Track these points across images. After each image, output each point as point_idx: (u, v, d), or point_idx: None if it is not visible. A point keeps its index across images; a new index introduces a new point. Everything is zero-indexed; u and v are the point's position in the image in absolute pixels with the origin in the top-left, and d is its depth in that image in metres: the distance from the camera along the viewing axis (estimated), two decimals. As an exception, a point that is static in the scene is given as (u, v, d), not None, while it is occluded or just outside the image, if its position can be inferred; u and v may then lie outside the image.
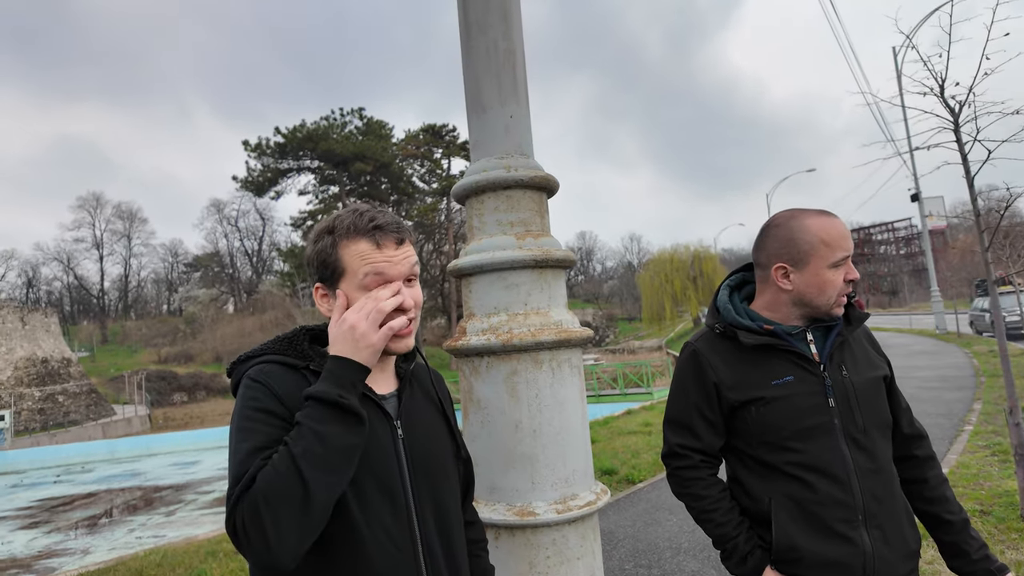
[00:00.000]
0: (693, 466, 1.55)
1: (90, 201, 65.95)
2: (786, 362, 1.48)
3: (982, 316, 21.15)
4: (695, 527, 5.05)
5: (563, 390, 1.93)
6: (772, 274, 1.51)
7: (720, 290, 1.64)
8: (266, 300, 54.44)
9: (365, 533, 1.10)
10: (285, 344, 1.20)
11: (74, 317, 67.46)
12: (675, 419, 1.59)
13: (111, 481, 18.21)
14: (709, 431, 1.54)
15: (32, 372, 29.93)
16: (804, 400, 1.45)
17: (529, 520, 1.82)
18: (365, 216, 1.16)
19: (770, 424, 1.46)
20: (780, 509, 1.44)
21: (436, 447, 1.26)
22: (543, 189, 2.10)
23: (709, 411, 1.53)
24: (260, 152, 47.91)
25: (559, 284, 2.06)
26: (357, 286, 1.14)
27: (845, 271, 1.46)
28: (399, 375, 1.28)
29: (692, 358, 1.57)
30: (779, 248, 1.49)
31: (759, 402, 1.47)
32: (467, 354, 1.99)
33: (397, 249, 1.16)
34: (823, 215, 1.48)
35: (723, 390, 1.50)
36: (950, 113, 4.97)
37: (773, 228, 1.52)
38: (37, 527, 13.22)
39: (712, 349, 1.55)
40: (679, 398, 1.59)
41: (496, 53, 2.09)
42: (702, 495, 1.53)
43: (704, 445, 1.54)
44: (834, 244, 1.44)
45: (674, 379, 1.63)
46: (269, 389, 1.09)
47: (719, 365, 1.52)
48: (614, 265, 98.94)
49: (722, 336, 1.55)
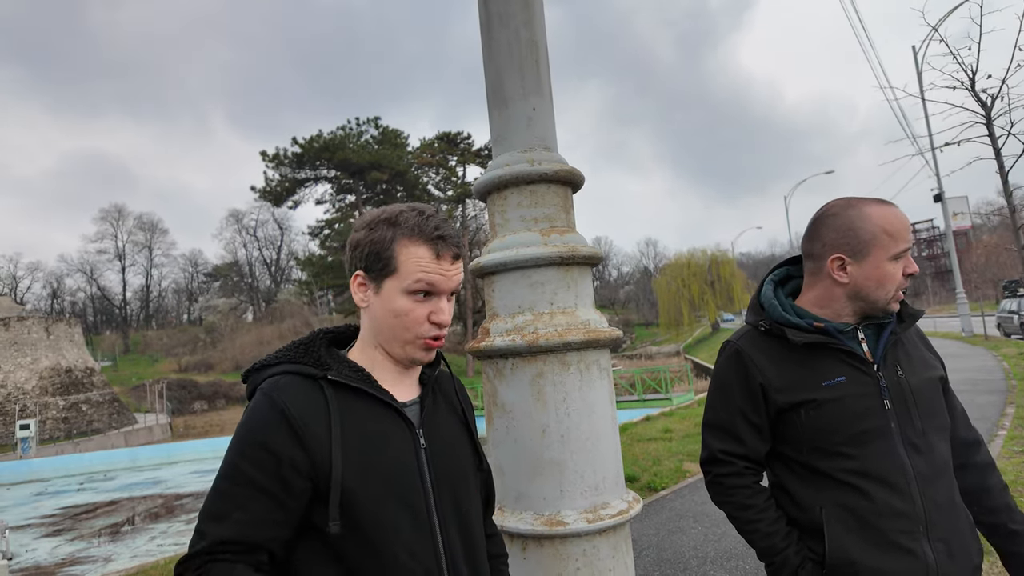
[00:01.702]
0: (737, 473, 1.44)
1: (112, 213, 67.35)
2: (837, 362, 1.38)
3: (1010, 318, 20.65)
4: (721, 536, 4.92)
5: (592, 393, 1.85)
6: (827, 266, 1.40)
7: (763, 285, 1.54)
8: (284, 309, 54.91)
9: (386, 552, 1.04)
10: (301, 351, 1.14)
11: (97, 327, 68.60)
12: (717, 423, 1.48)
13: (133, 489, 18.38)
14: (754, 436, 1.44)
15: (56, 382, 30.39)
16: (858, 402, 1.35)
17: (558, 530, 1.73)
18: (431, 221, 1.13)
19: (821, 428, 1.35)
20: (833, 519, 1.34)
21: (460, 458, 1.21)
22: (568, 183, 2.02)
23: (754, 414, 1.42)
24: (278, 162, 48.49)
25: (586, 282, 1.98)
26: (404, 289, 1.11)
27: (905, 264, 1.36)
28: (422, 382, 1.23)
29: (735, 358, 1.46)
30: (837, 238, 1.38)
31: (809, 405, 1.36)
32: (491, 356, 1.91)
33: (452, 264, 1.14)
34: (884, 204, 1.38)
35: (770, 392, 1.39)
36: (981, 107, 4.82)
37: (829, 216, 1.40)
38: (60, 535, 13.35)
39: (757, 348, 1.44)
40: (721, 400, 1.48)
41: (518, 44, 2.02)
42: (747, 503, 1.42)
43: (748, 451, 1.44)
44: (897, 235, 1.35)
45: (714, 380, 1.52)
46: (282, 412, 1.03)
47: (765, 365, 1.41)
48: (630, 270, 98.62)
49: (767, 334, 1.45)
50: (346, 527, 1.01)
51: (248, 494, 1.00)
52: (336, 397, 1.07)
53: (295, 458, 1.01)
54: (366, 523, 1.03)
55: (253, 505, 1.00)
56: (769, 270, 1.59)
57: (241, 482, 1.01)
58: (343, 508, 1.01)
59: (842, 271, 1.39)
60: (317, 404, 1.05)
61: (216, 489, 1.02)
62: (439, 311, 1.12)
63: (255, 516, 1.00)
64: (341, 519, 1.01)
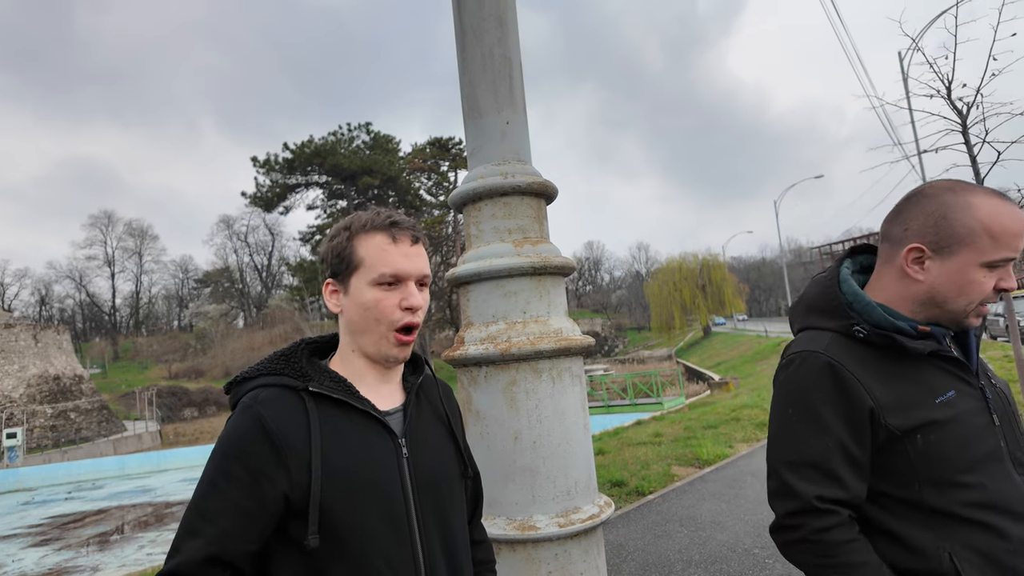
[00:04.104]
0: (841, 524, 1.12)
1: (102, 219, 67.00)
2: (943, 373, 1.15)
3: (996, 321, 20.88)
4: (706, 540, 4.95)
5: (564, 400, 1.89)
6: (902, 256, 1.16)
7: (843, 275, 1.25)
8: (275, 315, 54.68)
9: (364, 563, 1.05)
10: (283, 363, 1.13)
11: (86, 334, 68.11)
12: (806, 460, 1.15)
13: (122, 497, 18.22)
14: (856, 476, 1.14)
15: (44, 389, 30.12)
16: (973, 420, 1.13)
17: (530, 535, 1.77)
18: (383, 214, 1.15)
19: (940, 456, 1.11)
20: (967, 566, 1.09)
21: (443, 466, 1.20)
22: (541, 195, 2.07)
23: (858, 448, 1.13)
24: (269, 168, 48.43)
25: (559, 291, 2.02)
26: (370, 281, 1.11)
27: (1000, 276, 1.11)
28: (406, 388, 1.22)
29: (828, 374, 1.15)
30: (924, 224, 1.14)
31: (928, 428, 1.11)
32: (465, 364, 1.95)
33: (412, 246, 1.13)
34: (997, 197, 1.12)
35: (883, 416, 1.11)
36: (958, 115, 4.92)
37: (924, 198, 1.15)
38: (48, 544, 13.23)
39: (855, 360, 1.15)
40: (810, 430, 1.15)
41: (492, 59, 2.06)
42: (862, 562, 1.11)
43: (852, 495, 1.13)
44: (1002, 238, 1.09)
45: (793, 403, 1.19)
46: (261, 424, 1.03)
47: (871, 382, 1.13)
48: (622, 275, 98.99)
49: (863, 342, 1.17)
50: (324, 539, 1.01)
51: (224, 510, 1.00)
52: (317, 409, 1.07)
53: (274, 476, 1.01)
54: (344, 535, 1.03)
55: (228, 523, 1.00)
56: (840, 257, 1.30)
57: (218, 498, 1.01)
58: (322, 521, 1.02)
59: (918, 265, 1.15)
60: (298, 417, 1.05)
61: (194, 504, 1.02)
62: (409, 295, 1.11)
63: (230, 533, 1.00)
64: (320, 532, 1.01)
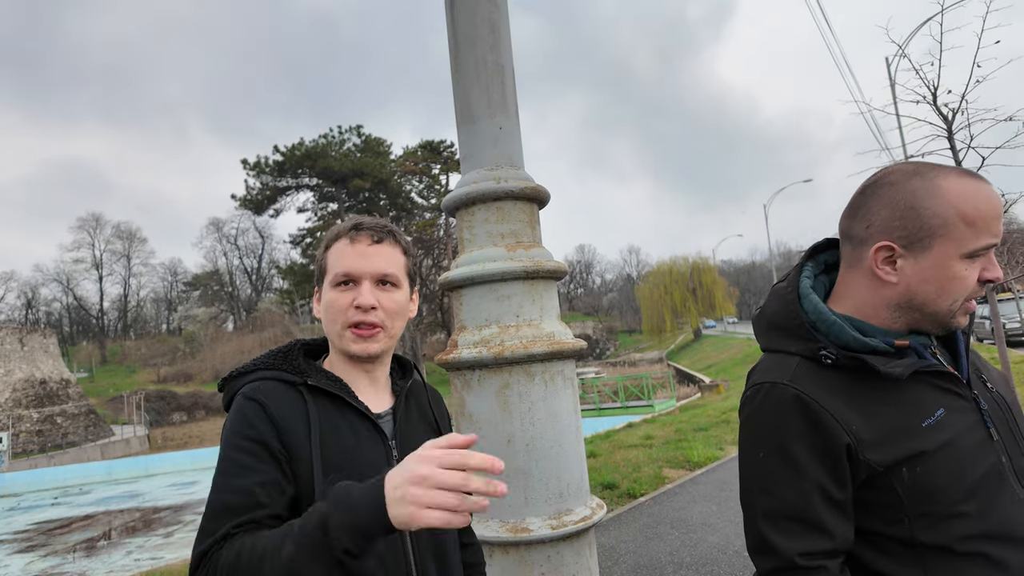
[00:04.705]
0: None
1: (90, 222, 66.44)
2: (930, 388, 1.01)
3: (981, 323, 21.13)
4: (697, 542, 4.99)
5: (556, 403, 1.91)
6: (870, 257, 1.02)
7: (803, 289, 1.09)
8: (265, 318, 54.34)
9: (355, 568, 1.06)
10: (280, 358, 1.15)
11: (73, 338, 67.38)
12: (784, 512, 1.00)
13: (109, 503, 18.04)
14: (840, 520, 0.99)
15: (30, 394, 29.78)
16: (967, 439, 0.99)
17: (523, 537, 1.78)
18: (353, 221, 1.17)
19: (931, 488, 0.96)
20: None
21: None
22: (534, 200, 2.09)
23: (838, 489, 0.98)
24: (259, 170, 48.19)
25: (551, 295, 2.04)
26: (329, 283, 1.14)
27: (983, 266, 0.97)
28: (395, 392, 1.23)
29: (798, 410, 1.00)
30: (889, 217, 0.99)
31: (915, 460, 0.96)
32: (458, 367, 1.96)
33: (370, 246, 1.14)
34: (968, 176, 0.98)
35: (862, 451, 0.97)
36: (943, 120, 5.00)
37: (885, 187, 1.00)
38: (34, 550, 13.08)
39: (826, 390, 1.00)
40: (783, 475, 1.00)
41: (485, 66, 2.09)
42: None
43: (839, 543, 0.99)
44: (979, 223, 0.95)
45: (763, 445, 1.04)
46: (264, 409, 1.05)
47: (847, 414, 0.98)
48: (613, 278, 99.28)
49: (833, 367, 1.01)
50: None
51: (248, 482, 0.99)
52: (315, 403, 1.08)
53: (280, 457, 1.02)
54: None
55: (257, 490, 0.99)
56: (799, 263, 1.15)
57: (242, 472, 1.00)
58: None
59: (889, 266, 1.00)
60: (297, 410, 1.06)
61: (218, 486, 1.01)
62: (359, 294, 1.11)
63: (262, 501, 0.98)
64: None
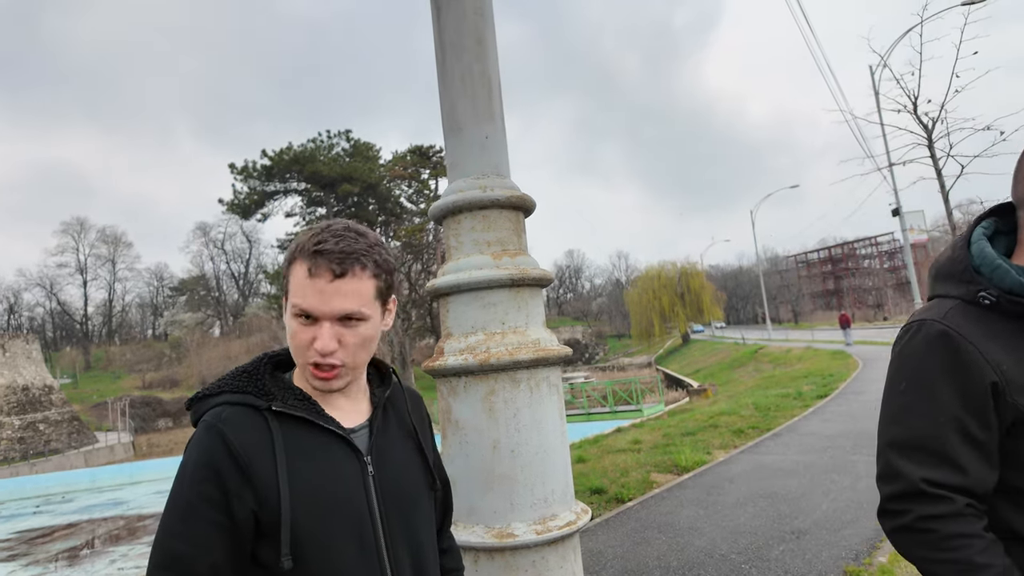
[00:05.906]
0: (957, 514, 0.97)
1: (74, 226, 65.75)
2: None
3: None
4: (684, 546, 5.00)
5: (541, 409, 1.93)
6: None
7: (973, 238, 1.08)
8: (252, 323, 53.97)
9: None
10: (244, 380, 1.11)
11: (56, 343, 66.56)
12: (916, 441, 1.01)
13: (92, 511, 17.78)
14: (979, 460, 0.98)
15: (12, 400, 29.34)
16: None
17: (508, 542, 1.80)
18: (318, 236, 1.04)
19: None
20: None
21: (411, 482, 1.18)
22: (519, 208, 2.12)
23: (980, 428, 0.98)
24: (247, 175, 47.88)
25: (536, 302, 2.07)
26: (289, 310, 1.06)
27: None
28: (373, 402, 1.19)
29: (943, 343, 1.00)
30: None
31: None
32: (445, 374, 1.98)
33: (331, 282, 1.01)
34: None
35: (1011, 393, 0.96)
36: (923, 129, 5.11)
37: None
38: (15, 560, 12.86)
39: (979, 329, 1.00)
40: (922, 406, 1.01)
41: (471, 76, 2.11)
42: (986, 563, 0.94)
43: (972, 482, 0.98)
44: None
45: (901, 377, 1.05)
46: (226, 445, 1.02)
47: (997, 354, 0.97)
48: (602, 283, 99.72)
49: (991, 309, 1.01)
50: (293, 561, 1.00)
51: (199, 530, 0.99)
52: (281, 429, 1.05)
53: (242, 494, 1.00)
54: (312, 555, 1.02)
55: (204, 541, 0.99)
56: (975, 220, 1.13)
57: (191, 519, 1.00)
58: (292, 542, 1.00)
59: None
60: (262, 437, 1.03)
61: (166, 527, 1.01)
62: (318, 337, 1.02)
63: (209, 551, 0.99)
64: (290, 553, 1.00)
